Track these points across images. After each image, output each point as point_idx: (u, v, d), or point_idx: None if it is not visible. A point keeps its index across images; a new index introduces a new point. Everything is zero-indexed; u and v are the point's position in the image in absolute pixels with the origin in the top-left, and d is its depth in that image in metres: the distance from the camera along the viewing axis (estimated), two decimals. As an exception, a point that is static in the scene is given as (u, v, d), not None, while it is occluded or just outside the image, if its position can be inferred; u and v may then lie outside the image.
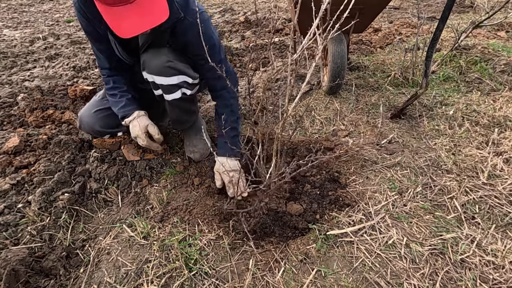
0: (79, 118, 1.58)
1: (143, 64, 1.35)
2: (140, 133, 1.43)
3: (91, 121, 1.55)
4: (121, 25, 1.08)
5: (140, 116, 1.46)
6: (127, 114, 1.45)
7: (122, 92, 1.48)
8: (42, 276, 1.14)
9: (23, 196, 1.45)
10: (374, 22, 3.86)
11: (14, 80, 2.67)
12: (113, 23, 1.08)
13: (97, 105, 1.58)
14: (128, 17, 1.07)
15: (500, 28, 3.31)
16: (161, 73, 1.33)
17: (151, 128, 1.46)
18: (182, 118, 1.63)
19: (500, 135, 1.70)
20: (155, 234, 1.28)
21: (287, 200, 1.38)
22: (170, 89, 1.39)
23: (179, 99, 1.45)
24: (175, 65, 1.33)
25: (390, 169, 1.55)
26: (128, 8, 1.07)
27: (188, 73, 1.39)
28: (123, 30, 1.08)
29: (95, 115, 1.55)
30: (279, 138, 1.16)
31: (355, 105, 2.17)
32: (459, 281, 1.05)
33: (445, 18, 1.54)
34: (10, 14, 5.46)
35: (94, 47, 1.43)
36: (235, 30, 3.96)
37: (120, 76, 1.51)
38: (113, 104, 1.48)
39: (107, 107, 1.54)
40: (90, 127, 1.57)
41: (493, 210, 1.30)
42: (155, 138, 1.47)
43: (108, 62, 1.46)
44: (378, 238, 1.21)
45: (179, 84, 1.39)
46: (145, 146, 1.47)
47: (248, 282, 1.09)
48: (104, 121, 1.56)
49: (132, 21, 1.07)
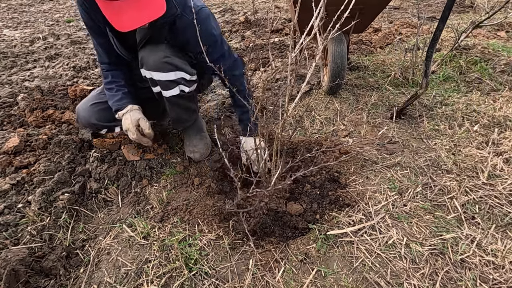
0: (76, 111, 1.58)
1: (141, 61, 1.37)
2: (131, 127, 1.43)
3: (88, 114, 1.54)
4: (120, 19, 1.10)
5: (133, 110, 1.46)
6: (121, 107, 1.46)
7: (119, 86, 1.49)
8: (42, 276, 1.14)
9: (23, 196, 1.45)
10: (374, 22, 3.86)
11: (14, 80, 2.67)
12: (112, 17, 1.11)
13: (94, 99, 1.58)
14: (126, 11, 1.10)
15: (500, 28, 3.31)
16: (158, 69, 1.34)
17: (142, 122, 1.46)
18: (182, 117, 1.63)
19: (500, 135, 1.70)
20: (155, 234, 1.28)
21: (287, 200, 1.38)
22: (168, 85, 1.40)
23: (178, 96, 1.46)
24: (172, 60, 1.35)
25: (390, 169, 1.55)
26: (126, 2, 1.09)
27: (186, 69, 1.40)
28: (122, 23, 1.11)
29: (91, 108, 1.55)
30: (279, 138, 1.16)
31: (355, 105, 2.17)
32: (459, 281, 1.05)
33: (445, 18, 1.54)
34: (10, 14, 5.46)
35: (94, 41, 1.45)
36: (235, 30, 3.95)
37: (119, 71, 1.52)
38: (110, 97, 1.49)
39: (105, 101, 1.54)
40: (86, 120, 1.55)
41: (493, 210, 1.30)
42: (145, 133, 1.47)
43: (107, 57, 1.47)
44: (378, 238, 1.21)
45: (176, 80, 1.40)
46: (135, 140, 1.47)
47: (248, 282, 1.09)
48: (101, 114, 1.55)
49: (130, 15, 1.10)
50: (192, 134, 1.72)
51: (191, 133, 1.73)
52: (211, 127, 1.97)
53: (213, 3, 5.81)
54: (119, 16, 1.10)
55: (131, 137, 1.46)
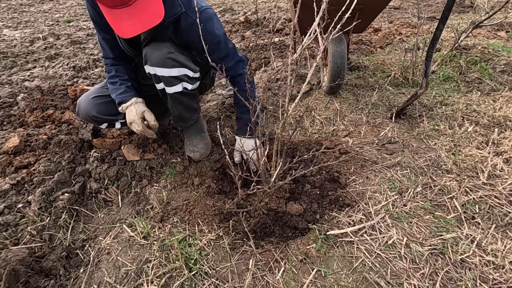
0: (77, 104, 1.58)
1: (145, 57, 1.38)
2: (136, 118, 1.43)
3: (88, 106, 1.54)
4: (121, 26, 1.15)
5: (137, 103, 1.46)
6: (125, 100, 1.46)
7: (122, 80, 1.50)
8: (42, 276, 1.14)
9: (23, 196, 1.45)
10: (374, 22, 3.86)
11: (14, 80, 2.67)
12: (114, 24, 1.15)
13: (96, 92, 1.59)
14: (126, 19, 1.14)
15: (500, 28, 3.31)
16: (162, 65, 1.36)
17: (147, 114, 1.46)
18: (184, 116, 1.63)
19: (500, 135, 1.70)
20: (155, 234, 1.28)
21: (287, 200, 1.38)
22: (171, 82, 1.41)
23: (180, 93, 1.47)
24: (176, 56, 1.36)
25: (390, 169, 1.55)
26: (125, 11, 1.13)
27: (189, 65, 1.41)
28: (123, 30, 1.15)
29: (93, 101, 1.55)
30: (279, 138, 1.16)
31: (355, 105, 2.17)
32: (459, 281, 1.05)
33: (445, 18, 1.54)
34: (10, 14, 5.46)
35: (99, 36, 1.47)
36: (235, 30, 3.95)
37: (122, 66, 1.53)
38: (113, 90, 1.50)
39: (106, 94, 1.55)
40: (86, 113, 1.55)
41: (493, 210, 1.30)
42: (151, 125, 1.47)
43: (112, 52, 1.49)
44: (378, 238, 1.21)
45: (180, 77, 1.41)
46: (140, 133, 1.47)
47: (248, 282, 1.09)
48: (102, 107, 1.55)
49: (129, 23, 1.14)
50: (192, 133, 1.72)
51: (191, 132, 1.73)
52: (211, 127, 1.97)
53: (213, 3, 5.81)
54: (120, 23, 1.14)
55: (136, 129, 1.45)
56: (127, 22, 1.14)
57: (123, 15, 1.13)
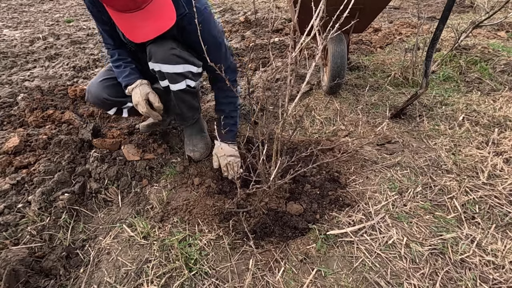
0: (87, 89, 1.58)
1: (149, 54, 1.38)
2: (141, 100, 1.43)
3: (98, 89, 1.54)
4: (133, 31, 1.15)
5: (142, 85, 1.47)
6: (130, 82, 1.47)
7: (126, 62, 1.51)
8: (42, 276, 1.14)
9: (23, 196, 1.45)
10: (374, 22, 3.86)
11: (14, 80, 2.67)
12: (125, 28, 1.15)
13: (104, 75, 1.59)
14: (138, 22, 1.13)
15: (500, 28, 3.31)
16: (167, 61, 1.36)
17: (152, 96, 1.46)
18: (186, 114, 1.65)
19: (500, 135, 1.70)
20: (155, 234, 1.28)
21: (287, 200, 1.38)
22: (175, 78, 1.42)
23: (184, 90, 1.48)
24: (180, 53, 1.37)
25: (390, 169, 1.55)
26: (137, 15, 1.12)
27: (193, 61, 1.43)
28: (135, 35, 1.15)
29: (102, 83, 1.55)
30: (279, 138, 1.16)
31: (355, 105, 2.17)
32: (459, 281, 1.05)
33: (445, 18, 1.54)
34: (10, 14, 5.46)
35: (99, 27, 1.47)
36: (235, 30, 3.95)
37: (124, 50, 1.54)
38: (118, 74, 1.50)
39: (114, 76, 1.55)
40: (97, 96, 1.55)
41: (493, 210, 1.30)
42: (155, 106, 1.47)
43: (112, 41, 1.50)
44: (378, 238, 1.21)
45: (184, 73, 1.42)
46: (145, 114, 1.47)
47: (248, 282, 1.09)
48: (111, 89, 1.55)
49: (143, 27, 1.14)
50: (193, 133, 1.73)
51: (192, 132, 1.73)
52: (211, 127, 1.97)
53: (213, 3, 5.81)
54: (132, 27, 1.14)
55: (141, 111, 1.46)
56: (140, 26, 1.13)
57: (134, 18, 1.12)
